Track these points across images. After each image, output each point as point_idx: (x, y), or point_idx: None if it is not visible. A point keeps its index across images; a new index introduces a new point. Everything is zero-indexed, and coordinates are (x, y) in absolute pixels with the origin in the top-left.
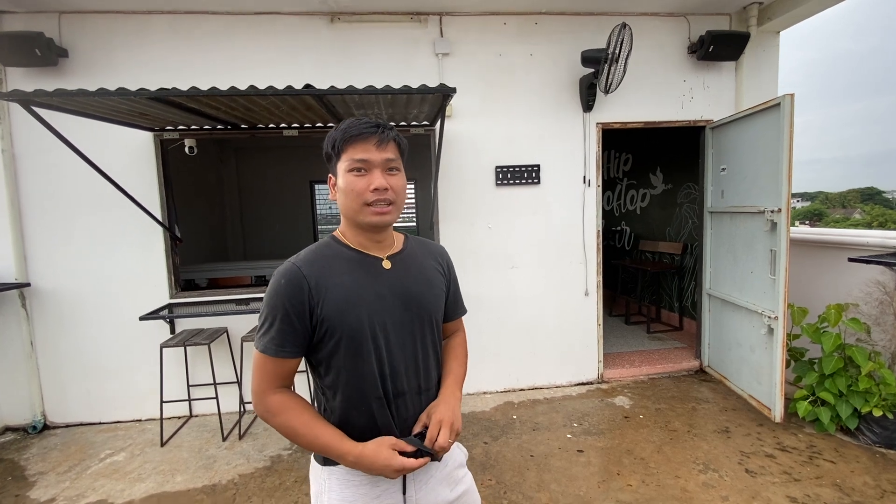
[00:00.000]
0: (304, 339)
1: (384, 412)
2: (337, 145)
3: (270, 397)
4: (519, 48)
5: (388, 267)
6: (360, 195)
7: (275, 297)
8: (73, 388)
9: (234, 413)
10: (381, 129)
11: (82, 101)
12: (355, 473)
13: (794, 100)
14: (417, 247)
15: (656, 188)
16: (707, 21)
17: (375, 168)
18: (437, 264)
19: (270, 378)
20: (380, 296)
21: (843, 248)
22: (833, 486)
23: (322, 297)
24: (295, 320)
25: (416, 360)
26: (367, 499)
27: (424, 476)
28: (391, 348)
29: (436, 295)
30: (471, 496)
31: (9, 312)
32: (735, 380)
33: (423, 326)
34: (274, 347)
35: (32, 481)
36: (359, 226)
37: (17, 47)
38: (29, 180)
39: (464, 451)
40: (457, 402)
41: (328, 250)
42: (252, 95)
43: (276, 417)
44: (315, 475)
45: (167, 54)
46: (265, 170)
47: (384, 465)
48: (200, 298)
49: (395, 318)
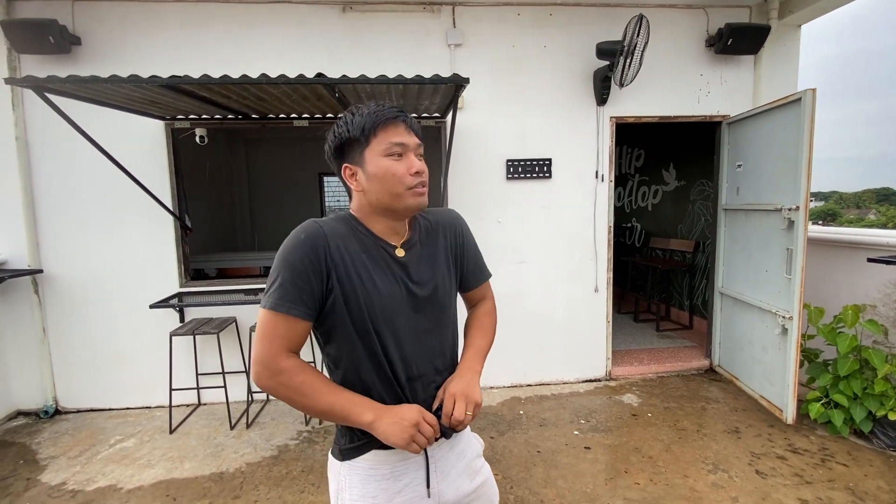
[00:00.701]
0: (316, 302)
1: (394, 397)
2: (367, 129)
3: (282, 362)
4: (532, 40)
5: (401, 255)
6: (401, 179)
7: (292, 252)
8: (84, 374)
9: (241, 402)
10: (404, 114)
11: (95, 89)
12: (377, 468)
13: (816, 95)
14: (427, 224)
15: (669, 185)
16: (726, 13)
17: (410, 151)
18: (449, 237)
19: (281, 342)
20: (392, 280)
21: (860, 248)
22: (846, 489)
23: (337, 263)
24: (312, 277)
25: (429, 345)
26: (390, 493)
27: (446, 467)
28: (399, 334)
29: (449, 276)
30: (489, 486)
31: (22, 298)
32: (746, 380)
33: (435, 310)
34: (287, 304)
35: (44, 465)
36: (392, 211)
37: (31, 34)
38: (42, 168)
39: (480, 442)
40: (474, 374)
41: (347, 226)
42: (264, 84)
43: (294, 379)
44: (333, 472)
45: (179, 43)
46: (274, 161)
47: (410, 413)
48: (210, 288)
49: (407, 306)
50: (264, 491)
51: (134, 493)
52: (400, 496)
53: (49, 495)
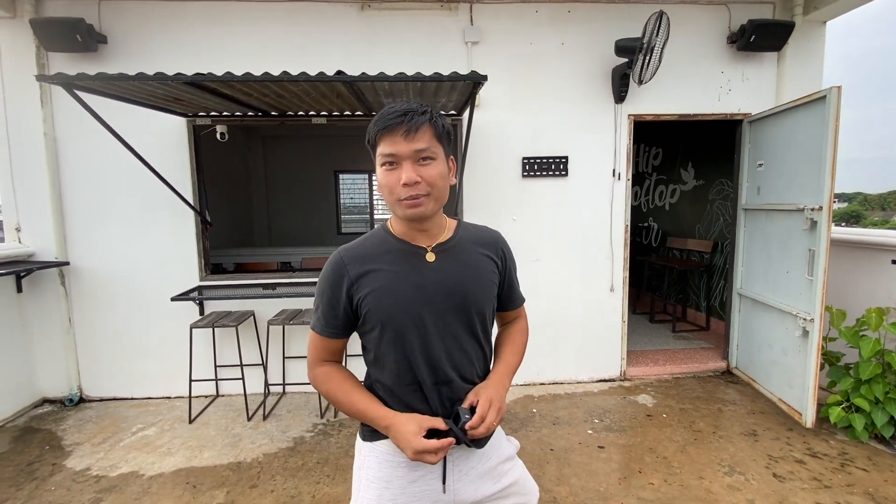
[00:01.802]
0: (345, 323)
1: (418, 399)
2: (371, 140)
3: (318, 368)
4: (550, 37)
5: (431, 259)
6: (391, 190)
7: (321, 283)
8: (107, 364)
9: (258, 394)
10: (410, 115)
11: (121, 86)
12: (395, 454)
13: (841, 93)
14: (469, 235)
15: (687, 184)
16: (749, 9)
17: (405, 160)
18: (490, 252)
19: (319, 352)
20: (419, 287)
21: (885, 250)
22: (865, 494)
23: (361, 284)
24: (336, 305)
25: (458, 353)
26: (404, 481)
27: (465, 467)
28: (429, 339)
29: (483, 286)
30: (521, 486)
31: (49, 289)
32: (764, 382)
33: (465, 318)
34: (320, 327)
35: (69, 451)
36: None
37: (59, 33)
38: (69, 163)
39: (514, 444)
40: (504, 389)
41: (375, 240)
42: (284, 81)
43: (322, 385)
44: (358, 450)
45: (201, 41)
46: (291, 158)
47: (406, 442)
48: (229, 282)
49: (435, 310)
50: (280, 481)
51: (155, 479)
52: (414, 486)
53: (74, 480)
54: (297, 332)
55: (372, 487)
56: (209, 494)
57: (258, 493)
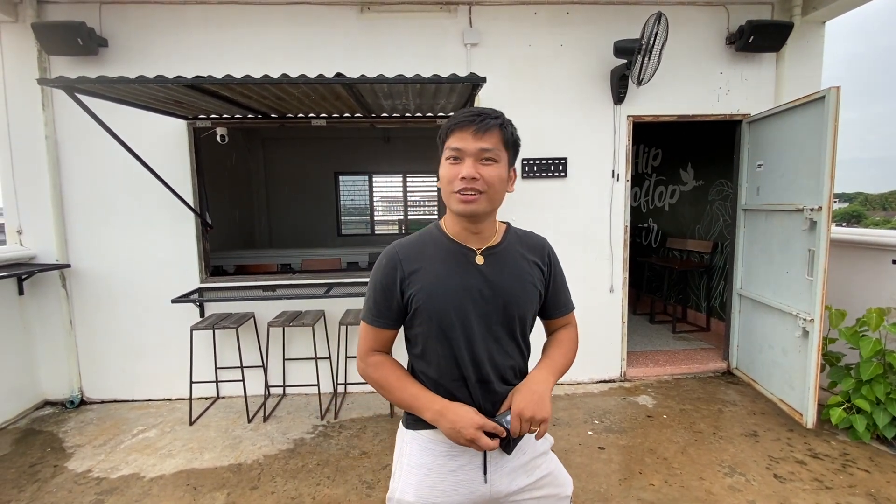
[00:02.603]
0: (397, 315)
1: (464, 393)
2: (442, 136)
3: (369, 357)
4: (549, 38)
5: (480, 262)
6: (449, 183)
7: (375, 273)
8: (108, 366)
9: (259, 396)
10: (482, 117)
11: (122, 89)
12: (437, 443)
13: (840, 93)
14: (517, 240)
15: (686, 184)
16: (748, 10)
17: (469, 157)
18: (537, 258)
19: (370, 343)
20: (467, 288)
21: (886, 250)
22: (867, 495)
23: (413, 279)
24: (389, 297)
25: (499, 353)
26: (445, 470)
27: (503, 461)
28: (473, 339)
29: (528, 291)
30: (555, 477)
31: (50, 292)
32: (765, 383)
33: (506, 321)
34: (371, 317)
35: (70, 453)
36: (455, 215)
37: (61, 37)
38: (70, 166)
39: (549, 440)
40: (546, 386)
41: (429, 237)
42: (284, 84)
43: (374, 373)
44: (400, 437)
45: (202, 44)
46: (291, 160)
47: (467, 422)
48: (229, 284)
49: (478, 312)
50: (281, 483)
51: (156, 481)
52: (453, 475)
53: (75, 482)
54: (297, 334)
55: (413, 473)
56: (210, 496)
57: (258, 494)
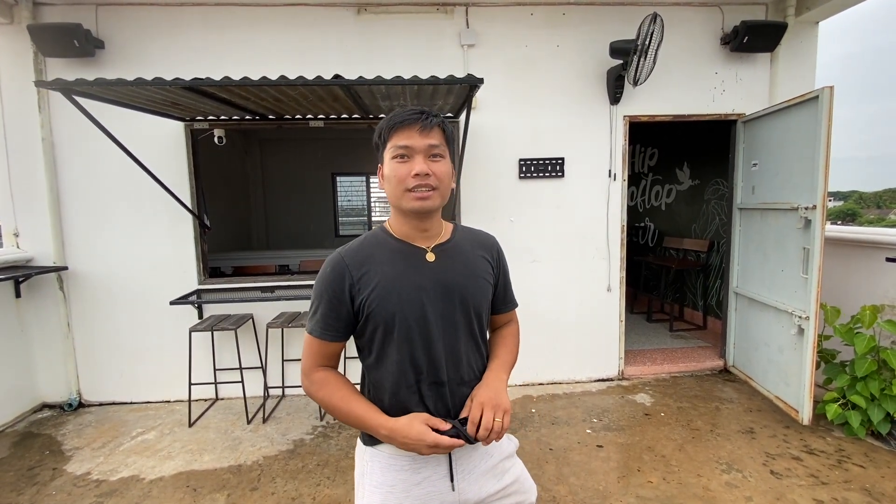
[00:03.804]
0: (346, 325)
1: (416, 400)
2: (383, 134)
3: (314, 374)
4: (545, 39)
5: (431, 259)
6: (401, 181)
7: (320, 284)
8: (106, 368)
9: (258, 397)
10: (424, 115)
11: (119, 91)
12: (397, 458)
13: (834, 92)
14: (465, 237)
15: (683, 184)
16: (742, 11)
17: (418, 154)
18: (486, 255)
19: (315, 357)
20: (420, 287)
21: (879, 248)
22: (862, 490)
23: (363, 286)
24: (338, 306)
25: (457, 353)
26: (408, 484)
27: (469, 465)
28: (430, 339)
29: (480, 287)
30: (521, 484)
31: (47, 294)
32: (761, 380)
33: (463, 318)
34: (319, 330)
35: (69, 456)
36: (404, 213)
37: (57, 39)
38: (67, 168)
39: (514, 442)
40: (501, 384)
41: (374, 240)
42: (282, 85)
43: (318, 391)
44: (359, 456)
45: (199, 46)
46: (288, 161)
47: (417, 438)
48: (227, 285)
49: (435, 311)
50: (281, 483)
51: (155, 483)
52: (418, 488)
53: (74, 485)
54: (296, 335)
55: (376, 493)
56: (210, 497)
57: (259, 495)
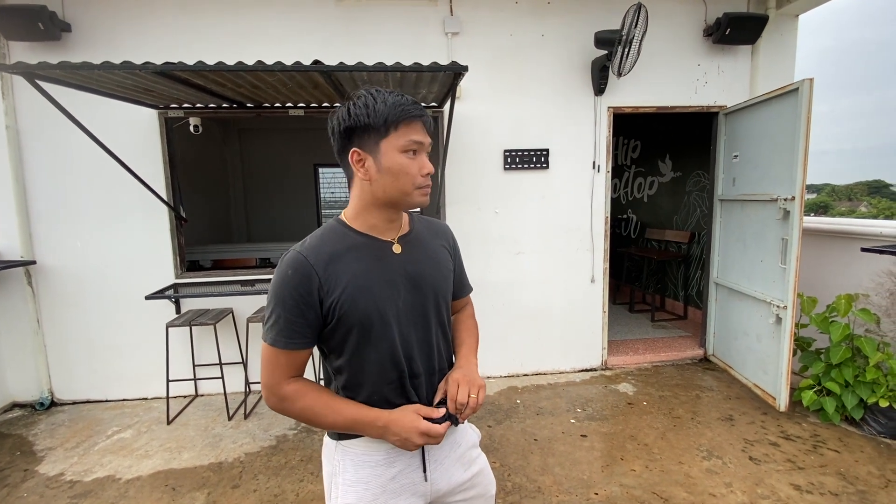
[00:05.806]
0: (314, 330)
1: (397, 395)
2: (389, 121)
3: (285, 388)
4: (530, 28)
5: (398, 251)
6: (413, 178)
7: (282, 288)
8: (79, 366)
9: (239, 393)
10: (422, 109)
11: (86, 76)
12: (371, 453)
13: (813, 85)
14: (424, 227)
15: (665, 176)
16: (724, 3)
17: (423, 151)
18: (444, 243)
19: (283, 370)
20: (391, 283)
21: (854, 239)
22: (837, 474)
23: (332, 287)
24: (305, 310)
25: (429, 343)
26: (383, 479)
27: (440, 455)
28: (403, 333)
29: (444, 276)
30: (484, 476)
31: (15, 290)
32: (740, 368)
33: (433, 308)
34: (284, 340)
35: (41, 456)
36: (394, 206)
37: (20, 21)
38: (34, 157)
39: (477, 432)
40: (473, 366)
41: (335, 236)
42: (259, 71)
43: (295, 405)
44: (328, 455)
45: (173, 30)
46: (269, 152)
47: (412, 426)
48: (205, 279)
49: (406, 303)
50: (263, 480)
51: (132, 483)
52: (393, 483)
53: (47, 486)
54: None
55: (350, 491)
56: (189, 496)
57: (240, 493)
